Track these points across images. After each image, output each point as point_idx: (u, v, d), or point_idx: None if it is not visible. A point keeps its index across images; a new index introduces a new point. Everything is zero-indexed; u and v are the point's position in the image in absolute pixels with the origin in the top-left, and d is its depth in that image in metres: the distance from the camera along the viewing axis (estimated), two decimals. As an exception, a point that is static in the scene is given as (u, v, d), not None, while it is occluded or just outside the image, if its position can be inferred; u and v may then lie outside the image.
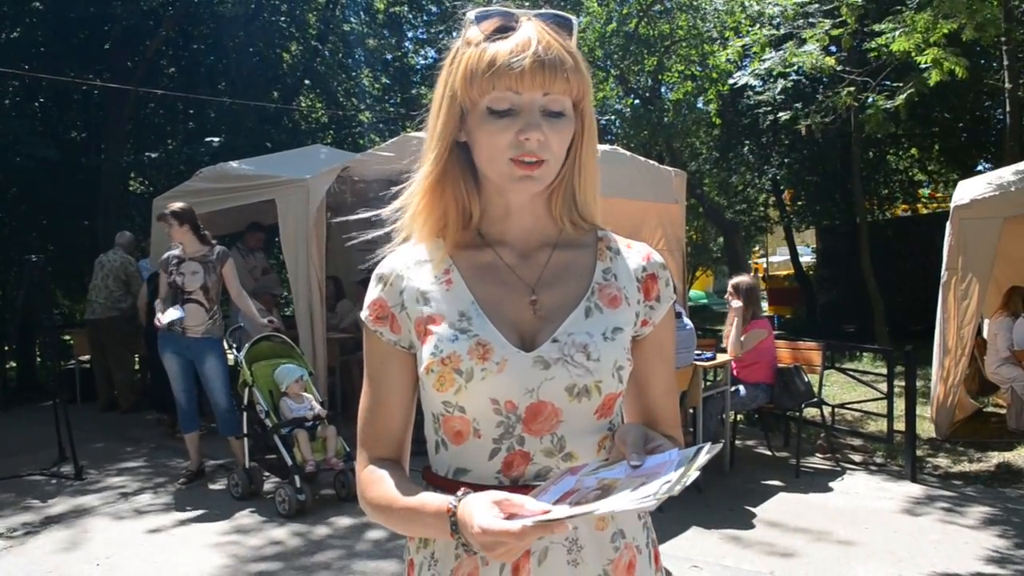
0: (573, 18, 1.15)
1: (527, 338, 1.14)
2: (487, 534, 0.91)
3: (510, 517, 0.93)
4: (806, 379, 5.88)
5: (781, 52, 8.66)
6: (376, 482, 1.17)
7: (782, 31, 9.12)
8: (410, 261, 1.21)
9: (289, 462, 4.88)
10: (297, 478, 4.85)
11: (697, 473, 0.93)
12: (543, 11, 1.13)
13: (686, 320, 5.59)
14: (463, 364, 1.10)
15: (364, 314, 1.22)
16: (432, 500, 1.07)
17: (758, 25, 9.64)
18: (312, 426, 5.05)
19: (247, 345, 5.30)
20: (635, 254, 1.26)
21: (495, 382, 1.10)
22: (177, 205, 5.59)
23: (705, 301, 22.61)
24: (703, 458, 0.94)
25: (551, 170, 1.12)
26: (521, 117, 1.08)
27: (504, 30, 1.10)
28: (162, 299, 5.47)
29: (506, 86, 1.08)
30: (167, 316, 5.26)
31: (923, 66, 7.17)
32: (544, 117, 1.09)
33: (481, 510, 0.94)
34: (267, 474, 5.33)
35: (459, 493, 1.02)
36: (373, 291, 1.22)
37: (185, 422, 5.62)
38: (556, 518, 0.89)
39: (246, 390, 5.12)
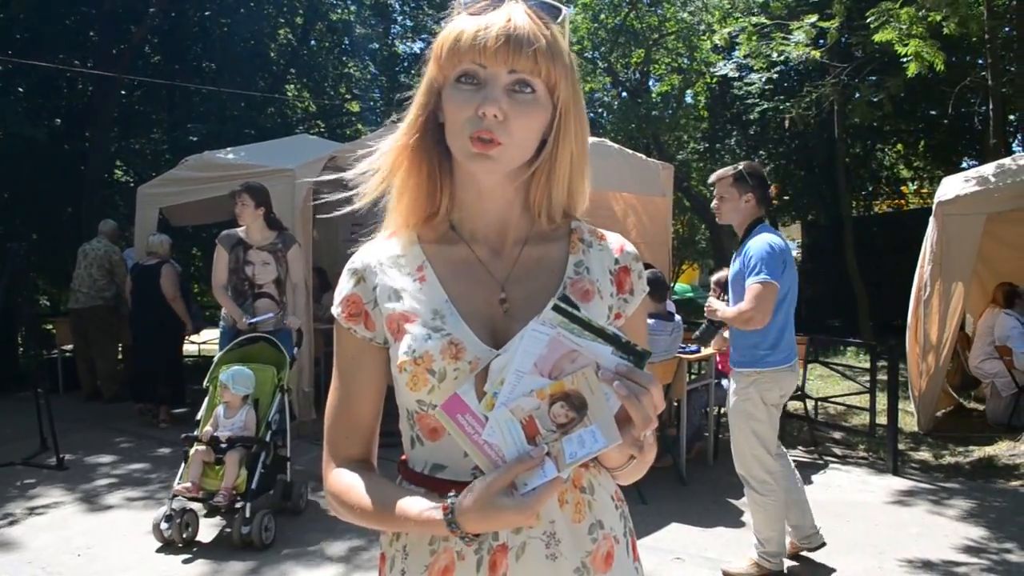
0: (564, 8, 1.13)
1: (499, 335, 1.12)
2: (538, 504, 0.97)
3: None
4: (790, 372, 5.91)
5: (762, 42, 8.70)
6: (351, 488, 1.15)
7: (761, 18, 9.18)
8: (383, 256, 1.20)
9: (176, 483, 4.27)
10: (169, 504, 4.24)
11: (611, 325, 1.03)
12: None
13: (677, 318, 5.61)
14: (435, 364, 1.09)
15: (336, 311, 1.20)
16: (420, 510, 1.06)
17: (745, 15, 9.67)
18: (225, 448, 4.28)
19: (233, 343, 4.84)
20: (608, 246, 1.25)
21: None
22: (252, 182, 5.04)
23: (691, 295, 22.64)
24: (580, 311, 1.00)
25: (509, 154, 1.09)
26: (483, 91, 1.06)
27: (488, 9, 1.08)
28: (222, 285, 5.01)
29: (471, 59, 1.06)
30: (256, 319, 4.86)
31: (904, 59, 7.22)
32: (508, 95, 1.07)
33: (503, 500, 0.97)
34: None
35: (446, 511, 1.02)
36: (346, 286, 1.20)
37: None
38: (596, 451, 0.97)
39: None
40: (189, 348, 9.73)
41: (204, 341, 10.73)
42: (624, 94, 16.27)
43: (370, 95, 16.73)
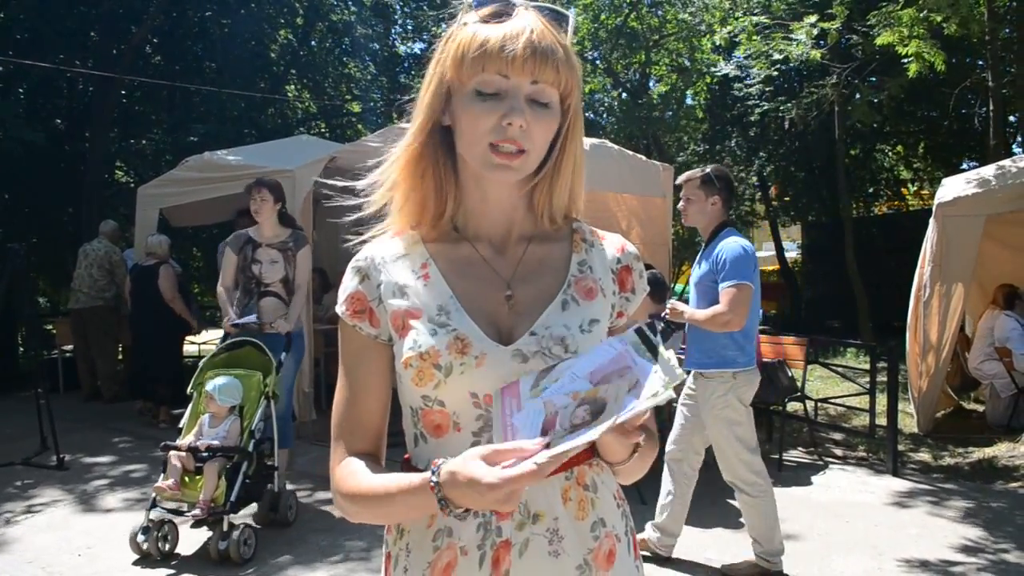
0: (570, 15, 1.15)
1: (504, 332, 1.14)
2: (504, 485, 0.91)
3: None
4: (790, 373, 5.92)
5: (763, 41, 8.71)
6: (352, 474, 1.16)
7: (762, 18, 9.20)
8: (387, 254, 1.21)
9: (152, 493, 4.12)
10: (146, 514, 4.05)
11: (672, 356, 0.99)
12: (540, 4, 1.12)
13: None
14: (442, 359, 1.10)
15: (341, 309, 1.21)
16: (412, 482, 1.05)
17: (745, 15, 9.68)
18: (204, 457, 4.10)
19: (220, 346, 4.70)
20: (609, 245, 1.27)
21: (474, 376, 1.10)
22: (267, 177, 4.90)
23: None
24: (659, 338, 1.00)
25: (530, 161, 1.12)
26: (506, 102, 1.08)
27: (500, 15, 1.09)
28: (226, 287, 4.84)
29: (495, 69, 1.07)
30: (242, 319, 4.68)
31: (904, 59, 7.23)
32: (530, 106, 1.08)
33: (481, 471, 0.93)
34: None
35: (433, 468, 1.00)
36: (350, 284, 1.21)
37: None
38: (586, 439, 0.92)
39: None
40: (189, 348, 9.73)
41: (204, 341, 10.74)
42: (624, 95, 16.28)
43: (371, 96, 16.75)
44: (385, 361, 1.20)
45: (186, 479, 4.10)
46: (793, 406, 6.25)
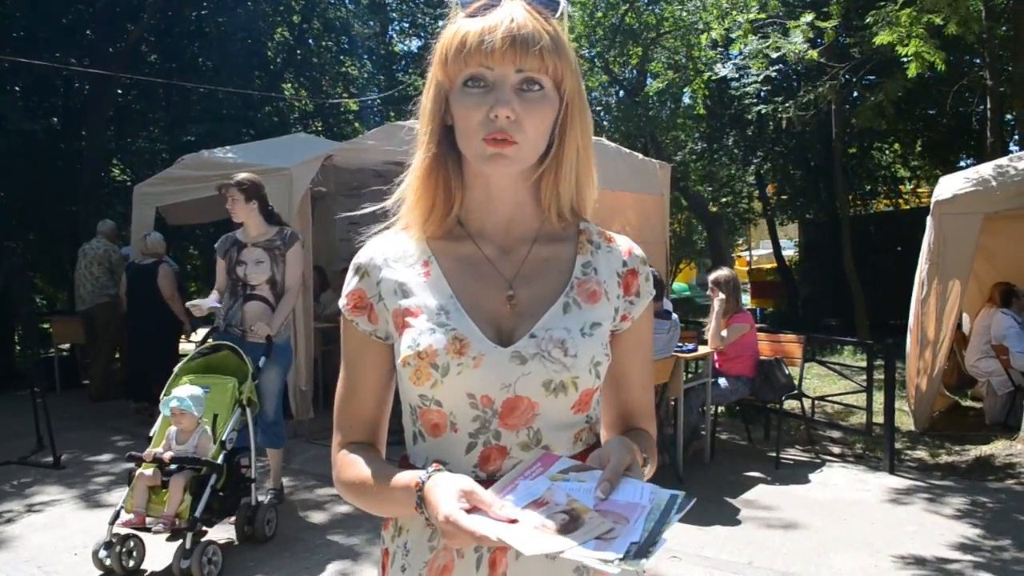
0: (562, 1, 1.13)
1: (504, 333, 1.13)
2: (450, 524, 0.94)
3: (473, 509, 0.95)
4: (787, 371, 5.93)
5: (761, 38, 8.72)
6: (351, 463, 1.18)
7: (762, 15, 9.21)
8: (389, 252, 1.21)
9: (117, 506, 3.88)
10: (109, 529, 3.80)
11: (665, 541, 0.93)
12: None
13: (674, 316, 5.61)
14: (439, 359, 1.10)
15: (342, 303, 1.22)
16: (403, 475, 1.09)
17: (742, 11, 9.69)
18: (173, 469, 3.86)
19: (195, 351, 4.45)
20: (616, 248, 1.25)
21: (471, 377, 1.10)
22: (243, 176, 4.60)
23: (688, 293, 22.74)
24: (675, 517, 0.96)
25: (524, 152, 1.10)
26: (493, 94, 1.07)
27: (486, 9, 1.09)
28: (219, 290, 4.63)
29: (478, 62, 1.07)
30: (205, 302, 4.45)
31: (904, 59, 7.23)
32: (518, 95, 1.07)
33: (448, 498, 0.96)
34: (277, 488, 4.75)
35: (430, 469, 1.04)
36: (351, 281, 1.22)
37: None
38: (518, 546, 0.90)
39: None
40: (186, 348, 9.73)
41: (201, 340, 10.72)
42: (621, 93, 16.28)
43: (368, 93, 16.74)
44: (382, 357, 1.20)
45: (151, 495, 3.87)
46: (790, 404, 6.25)
